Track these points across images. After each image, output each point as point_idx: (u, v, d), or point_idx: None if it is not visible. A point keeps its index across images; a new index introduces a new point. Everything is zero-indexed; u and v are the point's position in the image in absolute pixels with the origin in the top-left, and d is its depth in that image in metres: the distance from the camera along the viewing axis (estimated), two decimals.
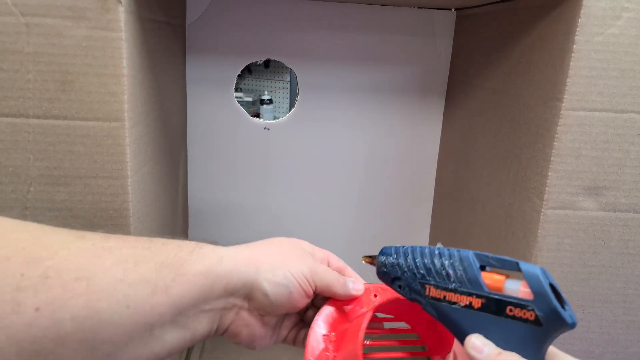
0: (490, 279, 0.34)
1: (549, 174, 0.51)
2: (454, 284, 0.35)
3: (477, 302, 0.34)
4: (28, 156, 0.48)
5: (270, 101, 2.67)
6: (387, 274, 0.40)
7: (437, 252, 0.37)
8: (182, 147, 0.79)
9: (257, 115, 2.58)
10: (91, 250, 0.35)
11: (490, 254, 0.35)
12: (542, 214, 0.52)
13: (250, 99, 2.65)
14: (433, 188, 0.91)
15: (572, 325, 0.31)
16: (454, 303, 0.35)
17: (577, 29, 0.47)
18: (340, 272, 0.48)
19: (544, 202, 0.52)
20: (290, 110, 0.86)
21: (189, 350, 0.89)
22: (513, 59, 0.61)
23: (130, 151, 0.49)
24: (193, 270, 0.38)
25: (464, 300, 0.35)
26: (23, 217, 0.49)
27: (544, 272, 0.32)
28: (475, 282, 0.35)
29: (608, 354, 0.57)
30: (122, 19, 0.46)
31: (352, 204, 0.91)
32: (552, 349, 0.34)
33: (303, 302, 0.43)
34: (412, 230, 0.93)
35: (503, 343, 0.33)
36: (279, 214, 0.90)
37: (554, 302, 0.31)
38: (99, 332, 0.33)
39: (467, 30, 0.78)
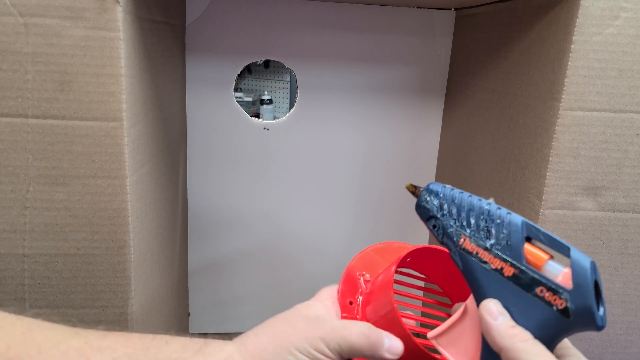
0: (533, 254, 0.33)
1: (548, 174, 0.51)
2: (491, 244, 0.34)
3: (509, 271, 0.33)
4: (27, 156, 0.48)
5: (270, 101, 2.67)
6: (426, 211, 0.38)
7: (486, 207, 0.35)
8: (181, 147, 0.79)
9: (257, 115, 2.58)
10: (81, 351, 0.33)
11: (542, 229, 0.33)
12: (540, 214, 0.52)
13: (250, 99, 2.65)
14: None
15: (600, 328, 0.30)
16: (485, 262, 0.34)
17: (575, 29, 0.47)
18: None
19: (542, 202, 0.52)
20: (290, 110, 0.86)
21: None
22: (512, 59, 0.61)
23: (128, 151, 0.49)
24: None
25: (496, 263, 0.33)
26: (22, 216, 0.49)
27: (593, 266, 0.31)
28: (516, 251, 0.33)
29: (607, 354, 0.57)
30: (119, 18, 0.46)
31: (351, 204, 0.91)
32: (565, 341, 0.33)
33: None
34: (412, 230, 0.93)
35: (521, 318, 0.32)
36: (278, 213, 0.90)
37: (591, 300, 0.30)
38: None
39: (466, 30, 0.78)
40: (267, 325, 0.38)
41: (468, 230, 0.35)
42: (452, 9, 0.82)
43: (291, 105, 0.88)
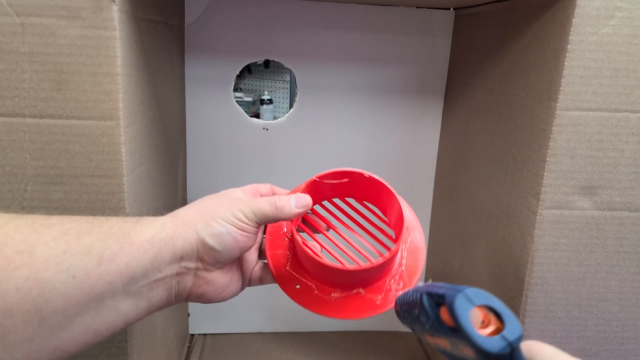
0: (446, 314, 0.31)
1: (545, 174, 0.51)
2: (428, 328, 0.32)
3: (445, 343, 0.31)
4: (24, 155, 0.48)
5: (270, 101, 2.67)
6: (404, 322, 0.38)
7: (411, 299, 0.34)
8: (180, 146, 0.79)
9: (257, 115, 2.58)
10: (31, 227, 0.35)
11: (441, 285, 0.31)
12: (538, 214, 0.53)
13: (250, 99, 2.66)
14: (432, 188, 0.91)
15: (488, 351, 0.27)
16: (440, 347, 0.32)
17: (572, 29, 0.47)
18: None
19: (540, 203, 0.52)
20: (290, 110, 0.86)
21: (189, 350, 0.89)
22: (510, 59, 0.61)
23: (125, 150, 0.49)
24: (139, 238, 0.39)
25: (441, 342, 0.32)
26: None
27: (466, 296, 0.29)
28: (438, 322, 0.31)
29: (604, 352, 0.57)
30: (116, 17, 0.46)
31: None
32: (548, 351, 0.31)
33: (252, 239, 0.44)
34: None
35: None
36: None
37: (468, 328, 0.28)
38: (47, 303, 0.33)
39: (465, 30, 0.78)
40: (195, 203, 0.45)
41: (418, 325, 0.34)
42: (452, 9, 0.82)
43: (291, 105, 0.88)
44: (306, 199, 0.47)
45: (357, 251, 0.49)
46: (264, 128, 0.85)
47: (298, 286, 0.48)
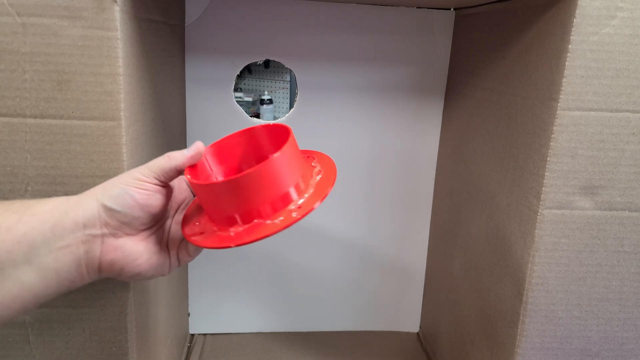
0: None
1: (546, 174, 0.51)
2: None
3: None
4: (25, 156, 0.48)
5: (270, 101, 2.67)
6: None
7: None
8: (181, 146, 0.79)
9: (257, 116, 2.58)
10: None
11: None
12: (539, 214, 0.53)
13: (250, 99, 2.66)
14: (432, 188, 0.91)
15: None
16: None
17: (573, 29, 0.47)
18: None
19: (541, 203, 0.52)
20: (290, 110, 0.86)
21: (189, 350, 0.89)
22: (511, 59, 0.61)
23: (126, 150, 0.49)
24: (40, 210, 0.41)
25: None
26: None
27: None
28: None
29: (604, 352, 0.57)
30: (117, 18, 0.46)
31: (351, 204, 0.91)
32: None
33: (153, 197, 0.45)
34: (411, 230, 0.93)
35: None
36: None
37: None
38: None
39: (465, 30, 0.78)
40: (107, 181, 0.46)
41: None
42: (452, 9, 0.82)
43: (291, 105, 0.88)
44: (197, 145, 0.47)
45: None
46: None
47: (202, 232, 0.47)
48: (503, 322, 0.60)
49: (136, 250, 0.45)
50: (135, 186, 0.43)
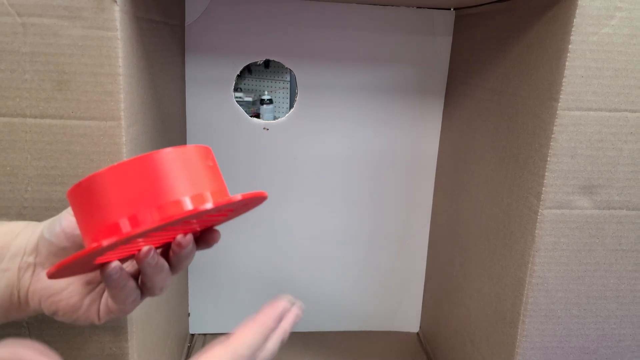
0: None
1: (546, 174, 0.51)
2: None
3: None
4: (25, 156, 0.48)
5: (270, 101, 2.67)
6: None
7: None
8: None
9: (257, 115, 2.58)
10: None
11: None
12: (539, 214, 0.53)
13: (250, 99, 2.66)
14: (432, 188, 0.91)
15: None
16: None
17: (573, 29, 0.48)
18: None
19: (541, 202, 0.52)
20: (290, 110, 0.86)
21: (189, 350, 0.89)
22: (511, 59, 0.61)
23: (127, 150, 0.49)
24: (1, 230, 0.41)
25: None
26: (21, 216, 0.49)
27: None
28: None
29: (602, 349, 0.57)
30: (117, 18, 0.46)
31: (351, 204, 0.91)
32: None
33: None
34: (412, 230, 0.93)
35: None
36: (277, 213, 0.90)
37: None
38: None
39: (465, 30, 0.78)
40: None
41: None
42: (452, 9, 0.82)
43: (291, 105, 0.89)
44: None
45: None
46: (264, 128, 0.85)
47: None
48: (503, 322, 0.60)
49: (56, 286, 0.42)
50: (68, 212, 0.41)
